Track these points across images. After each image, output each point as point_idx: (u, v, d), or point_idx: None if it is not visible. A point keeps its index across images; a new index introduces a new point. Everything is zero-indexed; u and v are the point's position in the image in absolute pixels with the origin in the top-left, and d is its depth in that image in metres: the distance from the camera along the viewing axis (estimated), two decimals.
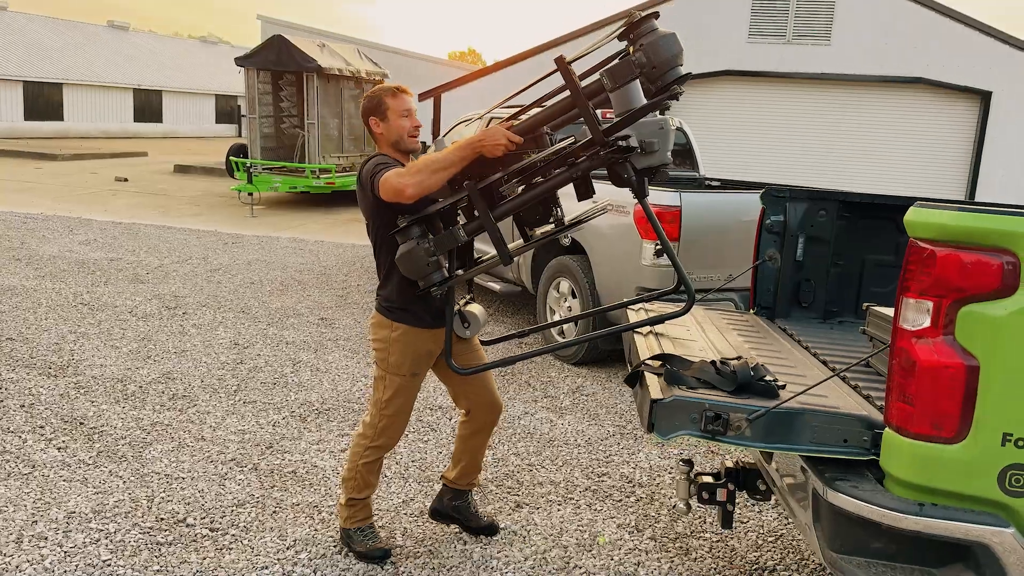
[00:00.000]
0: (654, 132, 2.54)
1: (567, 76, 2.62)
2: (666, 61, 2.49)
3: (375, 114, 3.04)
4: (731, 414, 2.04)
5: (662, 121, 2.56)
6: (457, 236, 2.79)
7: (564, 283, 6.03)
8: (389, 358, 3.07)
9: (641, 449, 4.43)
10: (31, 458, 3.88)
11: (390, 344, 3.05)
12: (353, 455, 3.17)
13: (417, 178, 2.70)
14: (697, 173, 7.30)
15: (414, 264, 2.79)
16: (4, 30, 31.47)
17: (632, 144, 2.51)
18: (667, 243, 2.72)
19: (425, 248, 2.77)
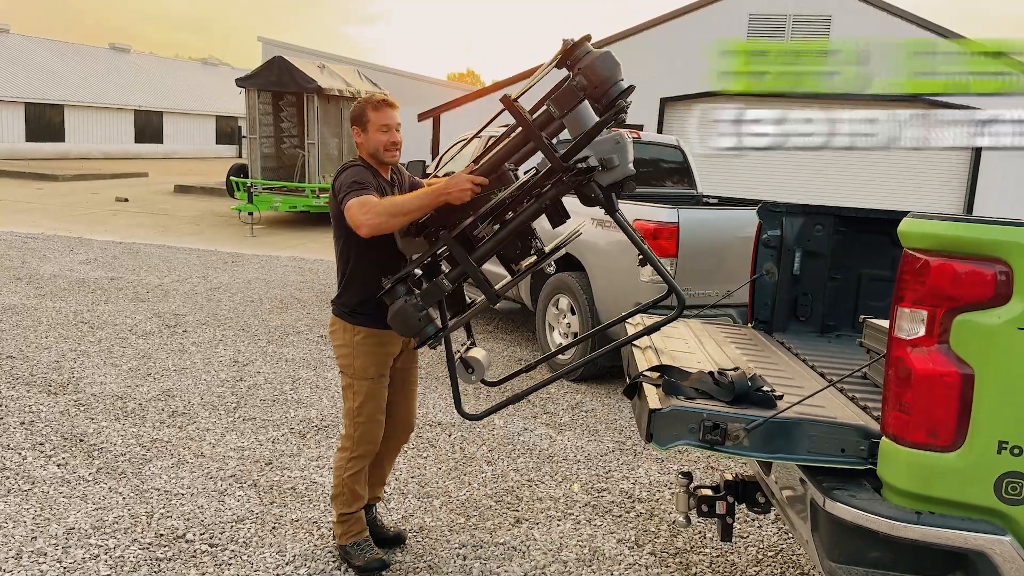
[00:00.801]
0: (611, 148, 2.61)
1: (515, 113, 2.72)
2: (606, 79, 2.59)
3: (357, 124, 3.10)
4: (729, 424, 2.06)
5: (617, 136, 2.64)
6: (442, 287, 2.82)
7: (563, 300, 6.05)
8: (355, 363, 3.09)
9: (641, 464, 4.43)
10: (31, 475, 3.87)
11: (354, 348, 3.09)
12: (337, 470, 3.19)
13: (375, 220, 2.77)
14: (695, 190, 7.34)
15: (406, 322, 2.82)
16: (6, 52, 31.70)
17: (592, 164, 2.58)
18: (649, 253, 2.76)
19: (414, 304, 2.80)
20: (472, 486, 4.04)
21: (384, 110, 3.07)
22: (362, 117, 3.07)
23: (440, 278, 2.84)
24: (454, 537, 3.51)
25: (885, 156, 14.76)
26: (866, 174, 14.85)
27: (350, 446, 3.15)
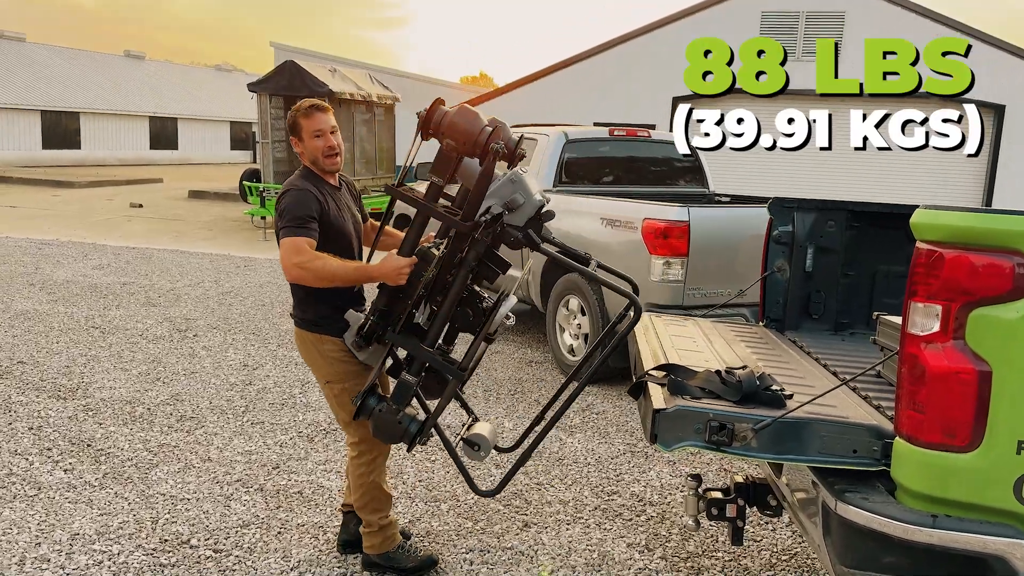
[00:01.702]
0: (510, 189, 2.64)
1: (404, 197, 2.81)
2: (468, 132, 2.64)
3: (293, 134, 3.05)
4: (736, 424, 1.99)
5: (511, 175, 2.67)
6: (408, 383, 2.79)
7: (573, 301, 5.98)
8: (328, 368, 3.03)
9: (652, 467, 4.35)
10: (37, 480, 3.86)
11: (322, 356, 3.02)
12: (358, 479, 3.11)
13: (300, 274, 2.82)
14: (706, 189, 7.26)
15: (388, 431, 2.79)
16: (23, 61, 32.02)
17: (496, 211, 2.60)
18: (594, 275, 2.86)
19: (389, 410, 2.76)
20: None
21: (315, 115, 2.99)
22: (295, 126, 3.01)
23: (403, 375, 2.82)
24: (461, 541, 3.45)
25: (901, 155, 14.60)
26: (883, 173, 14.68)
27: (364, 448, 3.08)
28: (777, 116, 3.50)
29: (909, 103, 2.98)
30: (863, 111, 3.28)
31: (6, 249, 10.73)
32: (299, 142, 3.03)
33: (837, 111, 3.65)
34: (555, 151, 6.53)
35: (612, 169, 7.01)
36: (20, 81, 30.38)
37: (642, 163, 7.15)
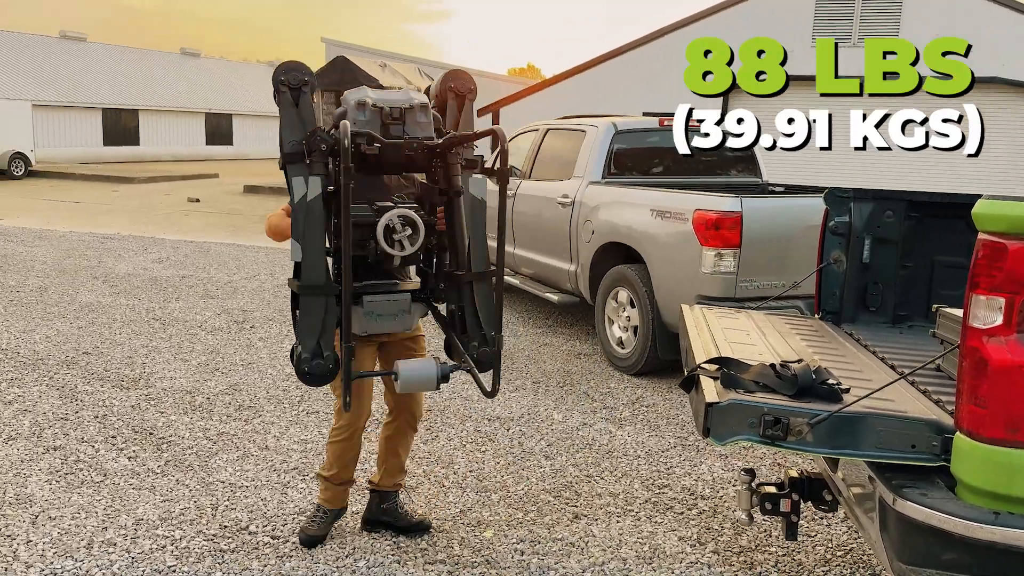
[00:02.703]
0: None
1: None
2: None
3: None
4: (791, 418, 1.97)
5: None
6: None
7: (623, 293, 5.96)
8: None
9: (704, 461, 4.32)
10: (103, 467, 4.00)
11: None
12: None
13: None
14: (759, 179, 7.15)
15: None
16: (85, 60, 33.02)
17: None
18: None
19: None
20: (530, 481, 4.01)
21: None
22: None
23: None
24: (512, 532, 3.48)
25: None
26: (944, 165, 14.25)
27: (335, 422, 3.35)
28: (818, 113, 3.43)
29: (975, 88, 2.90)
30: (862, 111, 3.21)
31: (71, 243, 11.11)
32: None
33: (896, 98, 3.55)
34: (604, 142, 6.50)
35: (662, 160, 6.95)
36: (82, 80, 31.35)
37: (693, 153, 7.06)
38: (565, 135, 7.10)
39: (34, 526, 3.39)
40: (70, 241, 11.32)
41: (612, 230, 6.01)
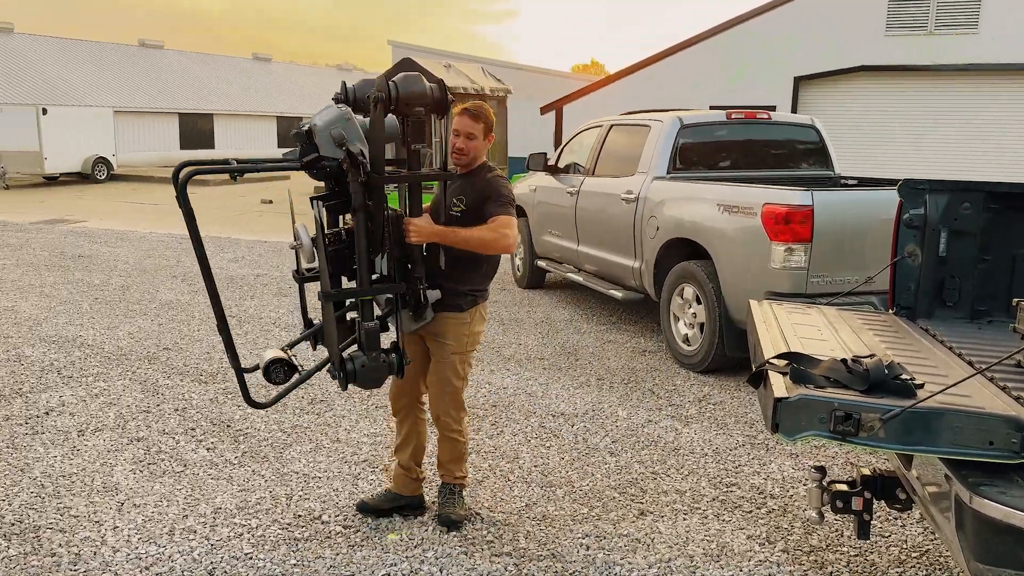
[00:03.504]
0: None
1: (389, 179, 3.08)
2: (423, 93, 3.06)
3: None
4: (863, 414, 1.93)
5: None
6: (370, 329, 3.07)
7: (688, 289, 5.90)
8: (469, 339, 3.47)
9: (773, 460, 4.25)
10: (183, 457, 4.17)
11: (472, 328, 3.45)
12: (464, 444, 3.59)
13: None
14: (831, 171, 6.98)
15: (375, 375, 3.06)
16: (162, 68, 34.26)
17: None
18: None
19: (367, 358, 3.06)
20: (595, 477, 4.01)
21: (458, 116, 3.30)
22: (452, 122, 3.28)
23: (364, 324, 3.10)
24: (577, 527, 3.49)
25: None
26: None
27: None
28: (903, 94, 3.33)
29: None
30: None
31: (151, 244, 11.57)
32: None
33: (974, 87, 3.43)
34: (669, 137, 6.44)
35: (730, 153, 6.85)
36: (160, 86, 32.53)
37: (762, 146, 6.95)
38: (629, 131, 7.06)
39: (120, 513, 3.55)
40: (150, 242, 11.79)
41: (677, 226, 5.95)
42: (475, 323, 3.42)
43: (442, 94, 3.08)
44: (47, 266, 9.69)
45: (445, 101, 3.10)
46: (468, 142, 3.30)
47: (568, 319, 7.40)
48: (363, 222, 2.97)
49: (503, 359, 6.06)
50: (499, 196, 3.25)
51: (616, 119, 7.47)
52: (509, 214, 3.24)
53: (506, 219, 3.21)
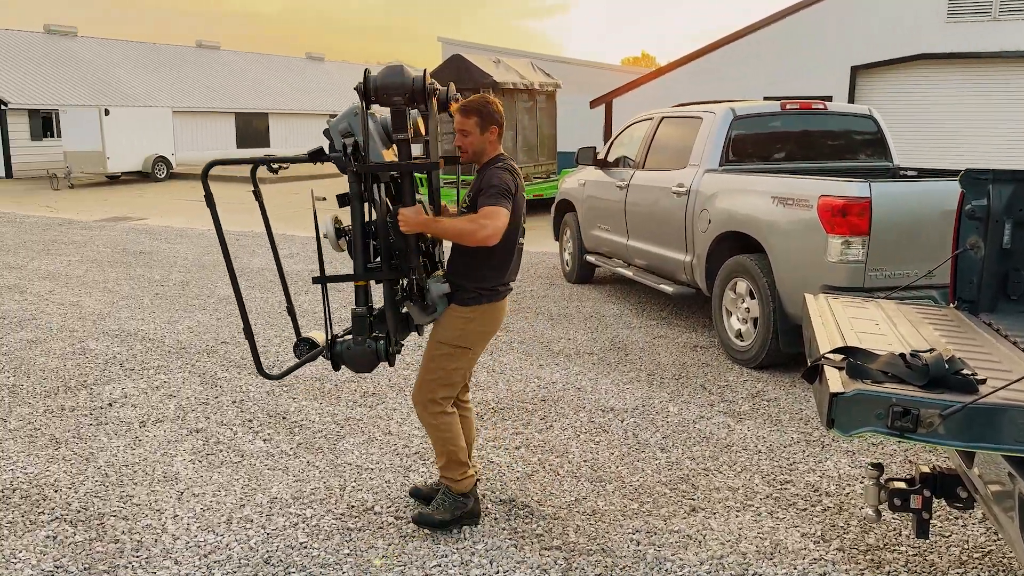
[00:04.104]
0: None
1: (379, 166, 3.17)
2: (401, 84, 3.08)
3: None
4: (922, 410, 1.88)
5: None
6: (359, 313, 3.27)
7: (741, 284, 5.81)
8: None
9: (828, 457, 4.17)
10: (240, 448, 4.27)
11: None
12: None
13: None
14: (890, 162, 6.80)
15: (363, 360, 3.26)
16: (219, 67, 35.03)
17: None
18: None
19: (354, 342, 3.26)
20: (645, 472, 3.99)
21: (455, 113, 3.32)
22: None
23: (353, 309, 3.31)
24: (627, 522, 3.48)
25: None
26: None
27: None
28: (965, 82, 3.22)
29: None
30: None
31: (209, 240, 11.85)
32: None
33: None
34: (721, 129, 6.35)
35: (784, 145, 6.72)
36: (217, 86, 33.27)
37: (818, 137, 6.81)
38: (681, 123, 6.98)
39: (180, 502, 3.66)
40: (208, 238, 12.08)
41: (730, 219, 5.86)
42: (479, 321, 3.32)
43: (422, 85, 3.06)
44: (110, 262, 10.01)
45: (424, 92, 3.07)
46: (464, 138, 3.30)
47: (617, 314, 7.36)
48: (358, 211, 3.15)
49: (552, 354, 6.06)
50: (488, 187, 3.16)
51: (667, 111, 7.39)
52: (494, 204, 3.11)
53: (488, 209, 3.11)
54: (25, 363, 5.76)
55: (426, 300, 3.26)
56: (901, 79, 14.46)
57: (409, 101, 3.10)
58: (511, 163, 3.33)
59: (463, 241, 3.15)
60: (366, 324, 3.21)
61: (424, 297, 3.26)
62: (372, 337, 3.22)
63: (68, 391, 5.18)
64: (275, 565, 3.13)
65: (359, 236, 3.17)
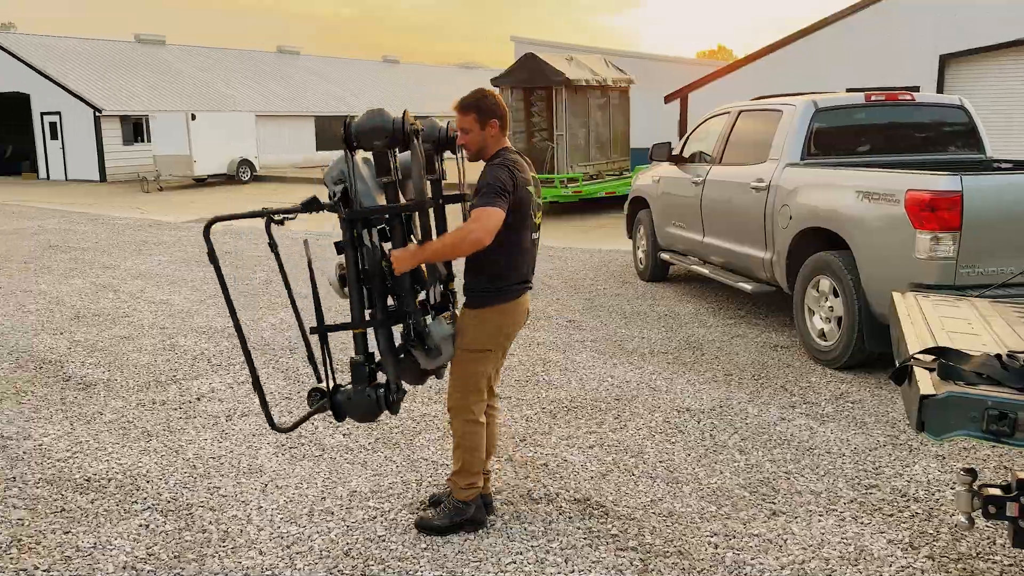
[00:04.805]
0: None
1: (367, 211, 3.22)
2: (380, 127, 3.05)
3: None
4: (1020, 413, 1.79)
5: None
6: (357, 361, 3.31)
7: (824, 281, 5.64)
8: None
9: (917, 461, 4.01)
10: (322, 442, 4.38)
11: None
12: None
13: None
14: (983, 155, 6.49)
15: (365, 409, 3.28)
16: (299, 73, 35.99)
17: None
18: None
19: (353, 392, 3.32)
20: (723, 474, 3.91)
21: (456, 113, 3.31)
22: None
23: (351, 357, 3.37)
24: (705, 525, 3.42)
25: None
26: None
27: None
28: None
29: None
30: None
31: (291, 241, 12.16)
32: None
33: None
34: (802, 122, 6.17)
35: (869, 138, 6.49)
36: (298, 90, 34.19)
37: (905, 129, 6.55)
38: (759, 116, 6.82)
39: (264, 494, 3.78)
40: (290, 239, 12.41)
41: (812, 214, 5.70)
42: (494, 322, 3.29)
43: (401, 127, 3.04)
44: (197, 262, 10.40)
45: (405, 134, 3.05)
46: (465, 136, 3.28)
47: (693, 312, 7.25)
48: (351, 258, 3.18)
49: (625, 352, 6.01)
50: (482, 186, 3.11)
51: (745, 105, 7.23)
52: (486, 205, 3.05)
53: (478, 211, 3.05)
54: (119, 359, 6.04)
55: (426, 344, 3.22)
56: (994, 67, 13.79)
57: (391, 144, 3.07)
58: (513, 156, 3.25)
59: (457, 253, 3.15)
60: (365, 372, 3.21)
61: (425, 341, 3.21)
62: (372, 386, 3.21)
63: (159, 386, 5.41)
64: (354, 557, 3.20)
65: (354, 283, 3.19)
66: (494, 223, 3.04)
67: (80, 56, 29.25)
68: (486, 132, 3.27)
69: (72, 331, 6.86)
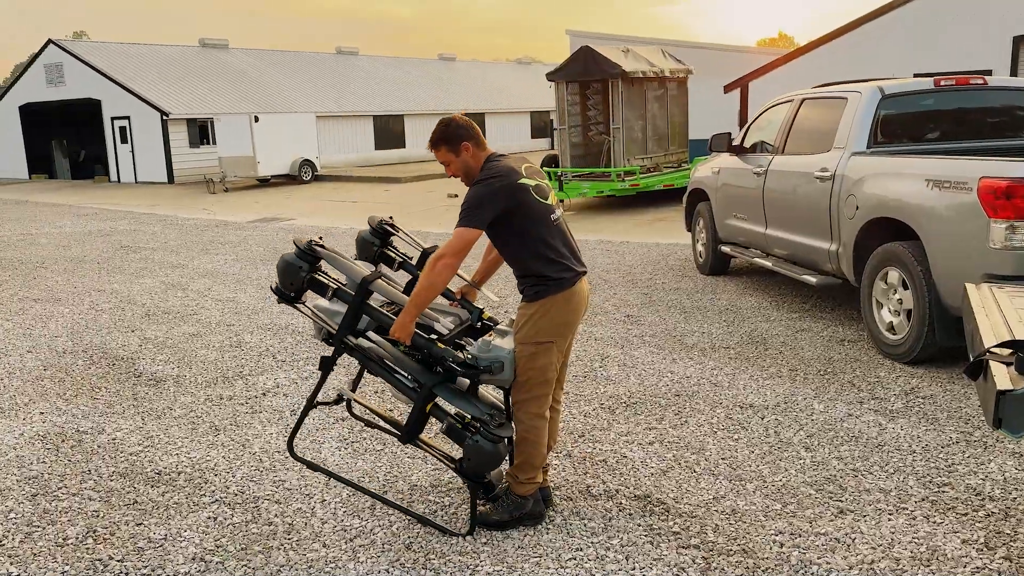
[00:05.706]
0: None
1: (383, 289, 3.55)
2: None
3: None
4: None
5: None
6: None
7: (893, 273, 5.46)
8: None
9: (992, 459, 3.86)
10: (383, 436, 4.43)
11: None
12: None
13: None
14: None
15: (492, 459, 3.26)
16: (357, 72, 36.49)
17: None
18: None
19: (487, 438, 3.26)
20: (788, 472, 3.83)
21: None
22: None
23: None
24: (769, 523, 3.35)
25: None
26: None
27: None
28: None
29: None
30: None
31: (352, 238, 12.37)
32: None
33: None
34: (868, 109, 5.99)
35: (939, 124, 6.26)
36: (356, 90, 34.68)
37: (977, 115, 6.30)
38: (823, 104, 6.64)
39: (327, 487, 3.84)
40: (351, 236, 12.62)
41: (880, 204, 5.53)
42: (550, 314, 3.28)
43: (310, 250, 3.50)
44: (262, 260, 10.65)
45: (314, 256, 3.52)
46: (448, 168, 3.40)
47: (755, 306, 7.11)
48: (380, 371, 3.40)
49: (685, 347, 5.93)
50: (461, 210, 3.23)
51: (808, 92, 7.05)
52: (457, 226, 3.16)
53: (449, 240, 3.18)
54: (188, 355, 6.22)
55: (480, 367, 3.26)
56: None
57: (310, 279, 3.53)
58: (494, 164, 3.31)
59: (438, 282, 3.18)
60: (459, 431, 3.27)
61: (477, 368, 3.27)
62: (496, 439, 3.21)
63: (226, 381, 5.55)
64: (416, 551, 3.23)
65: (384, 373, 3.36)
66: (461, 243, 3.14)
67: (147, 62, 30.20)
68: (462, 157, 3.37)
69: (143, 329, 7.09)
